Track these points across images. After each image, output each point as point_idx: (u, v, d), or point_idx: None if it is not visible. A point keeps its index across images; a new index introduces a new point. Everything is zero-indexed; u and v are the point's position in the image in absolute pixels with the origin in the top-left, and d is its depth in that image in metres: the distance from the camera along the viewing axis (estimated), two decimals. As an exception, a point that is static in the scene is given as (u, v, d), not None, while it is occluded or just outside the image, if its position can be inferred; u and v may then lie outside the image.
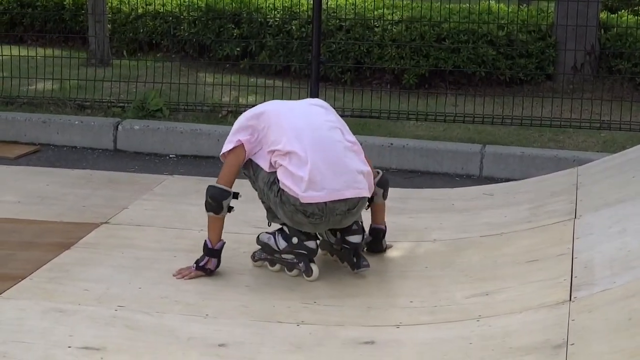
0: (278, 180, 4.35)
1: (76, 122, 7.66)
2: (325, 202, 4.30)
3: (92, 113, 7.95)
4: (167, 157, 7.38)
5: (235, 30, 9.59)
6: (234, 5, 9.54)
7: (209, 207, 4.47)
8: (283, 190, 4.32)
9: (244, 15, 9.53)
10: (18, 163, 6.99)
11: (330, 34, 9.22)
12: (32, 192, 5.78)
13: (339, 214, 4.36)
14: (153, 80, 8.27)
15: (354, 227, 4.51)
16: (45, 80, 8.51)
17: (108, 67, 9.30)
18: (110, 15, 10.13)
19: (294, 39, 9.33)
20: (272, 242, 4.53)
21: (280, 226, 4.55)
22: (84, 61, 9.41)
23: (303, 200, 4.28)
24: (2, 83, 8.38)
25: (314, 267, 4.45)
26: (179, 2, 9.95)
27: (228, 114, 7.86)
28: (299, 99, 7.77)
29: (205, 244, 4.46)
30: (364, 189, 4.42)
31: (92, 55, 9.60)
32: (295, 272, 4.48)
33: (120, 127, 7.57)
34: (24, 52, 8.93)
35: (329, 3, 9.53)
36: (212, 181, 4.49)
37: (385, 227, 4.76)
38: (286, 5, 9.47)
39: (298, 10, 9.47)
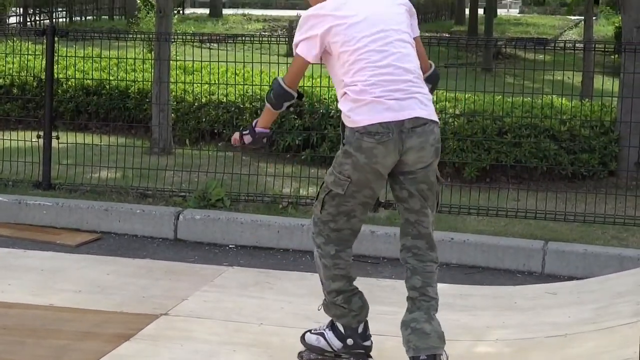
0: None
1: (137, 211, 7.71)
2: None
3: (154, 202, 8.01)
4: (227, 248, 7.38)
5: (297, 121, 9.65)
6: (297, 96, 9.59)
7: (269, 100, 4.45)
8: None
9: (306, 106, 9.59)
10: (79, 251, 7.03)
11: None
12: (93, 281, 5.81)
13: None
14: (215, 170, 8.33)
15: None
16: (109, 168, 8.61)
17: (170, 155, 9.39)
18: (173, 105, 10.26)
19: (354, 131, 9.33)
20: (322, 344, 4.42)
21: (330, 323, 4.43)
22: (147, 149, 9.53)
23: None
24: (66, 170, 8.49)
25: None
26: (241, 92, 10.05)
27: (288, 205, 7.87)
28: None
29: (251, 123, 4.54)
30: None
31: (155, 144, 9.71)
32: None
33: (181, 216, 7.60)
34: (88, 139, 9.07)
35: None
36: (273, 274, 4.45)
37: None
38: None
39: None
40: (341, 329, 4.40)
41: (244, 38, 9.66)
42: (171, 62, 10.22)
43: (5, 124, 10.61)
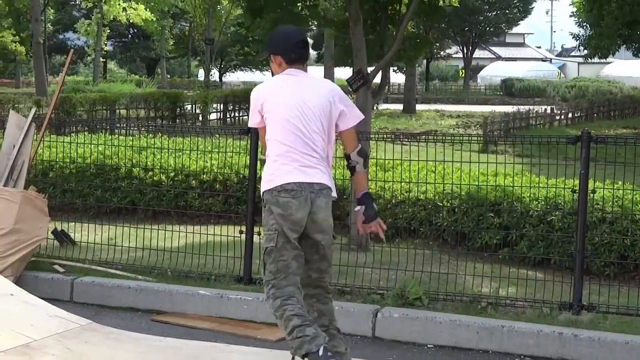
0: None
1: (336, 308, 7.65)
2: None
3: (352, 299, 8.02)
4: (425, 347, 7.29)
5: (495, 219, 9.53)
6: (495, 194, 9.51)
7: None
8: None
9: (505, 204, 9.47)
10: (279, 346, 7.09)
11: (592, 226, 9.00)
12: (293, 379, 5.82)
13: None
14: (413, 268, 8.29)
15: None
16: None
17: (367, 252, 9.42)
18: (371, 202, 10.31)
19: (555, 230, 9.16)
20: None
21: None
22: (345, 246, 9.60)
23: None
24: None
25: None
26: (439, 189, 10.03)
27: (488, 306, 7.74)
28: (561, 293, 7.64)
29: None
30: None
31: (352, 241, 9.77)
32: None
33: (379, 314, 7.58)
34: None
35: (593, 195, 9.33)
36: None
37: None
38: (549, 196, 9.35)
39: (561, 202, 9.32)
40: None
41: (438, 136, 9.66)
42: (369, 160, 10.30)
43: (207, 219, 10.94)
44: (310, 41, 77.08)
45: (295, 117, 5.64)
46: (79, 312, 7.59)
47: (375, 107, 33.65)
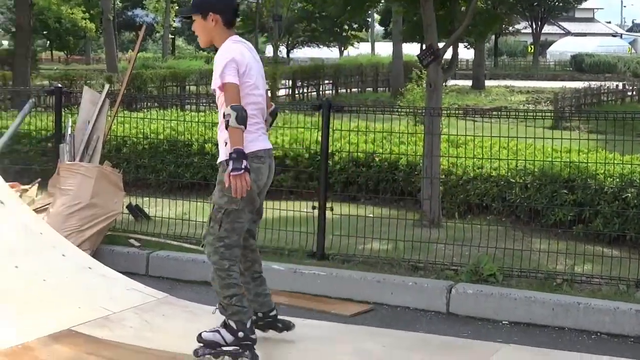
0: None
1: (410, 283, 7.73)
2: None
3: (425, 275, 8.01)
4: (500, 324, 7.25)
5: (569, 196, 9.44)
6: (569, 170, 9.41)
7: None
8: None
9: (578, 181, 9.37)
10: (353, 321, 7.12)
11: (666, 203, 8.87)
12: (370, 353, 5.85)
13: None
14: (487, 244, 8.24)
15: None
16: (380, 239, 8.72)
17: (439, 228, 9.40)
18: (442, 177, 10.29)
19: (630, 207, 9.05)
20: (217, 338, 5.61)
21: (222, 323, 5.65)
22: (416, 221, 9.58)
23: None
24: (340, 241, 8.66)
25: (257, 352, 5.60)
26: (511, 166, 9.96)
27: (563, 283, 7.67)
28: (638, 270, 7.56)
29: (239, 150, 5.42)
30: None
31: (424, 216, 9.75)
32: None
33: (453, 290, 7.55)
34: (357, 210, 9.23)
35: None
36: (553, 355, 4.34)
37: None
38: (623, 172, 9.24)
39: (636, 178, 9.20)
40: (233, 325, 5.61)
41: (509, 112, 9.60)
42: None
43: (278, 194, 10.99)
44: (377, 17, 76.67)
45: (262, 86, 5.94)
46: (154, 285, 7.67)
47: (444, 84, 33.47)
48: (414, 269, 8.16)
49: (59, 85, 11.60)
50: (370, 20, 69.60)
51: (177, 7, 58.40)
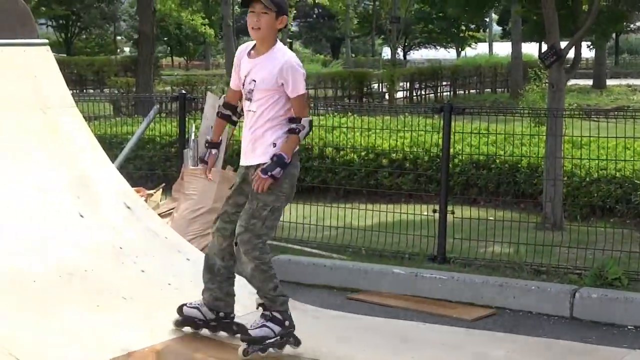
0: None
1: (533, 287, 7.63)
2: None
3: (548, 279, 7.90)
4: (625, 329, 7.11)
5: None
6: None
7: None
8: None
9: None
10: (476, 326, 7.08)
11: None
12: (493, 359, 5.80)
13: None
14: (611, 247, 8.09)
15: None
16: (502, 243, 8.63)
17: (562, 231, 9.26)
18: (564, 179, 10.15)
19: None
20: (267, 332, 5.70)
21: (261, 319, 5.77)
22: (538, 224, 9.46)
23: None
24: (460, 244, 8.61)
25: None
26: (635, 167, 9.75)
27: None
28: None
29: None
30: None
31: (546, 219, 9.62)
32: (287, 347, 5.77)
33: (577, 294, 7.43)
34: (477, 213, 9.17)
35: None
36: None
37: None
38: None
39: None
40: (279, 315, 5.76)
41: (633, 113, 9.40)
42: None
43: (397, 198, 11.00)
44: (495, 17, 75.73)
45: None
46: (277, 289, 7.74)
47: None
48: (537, 272, 8.06)
49: (183, 91, 11.82)
50: (488, 20, 69.00)
51: (294, 12, 58.84)
